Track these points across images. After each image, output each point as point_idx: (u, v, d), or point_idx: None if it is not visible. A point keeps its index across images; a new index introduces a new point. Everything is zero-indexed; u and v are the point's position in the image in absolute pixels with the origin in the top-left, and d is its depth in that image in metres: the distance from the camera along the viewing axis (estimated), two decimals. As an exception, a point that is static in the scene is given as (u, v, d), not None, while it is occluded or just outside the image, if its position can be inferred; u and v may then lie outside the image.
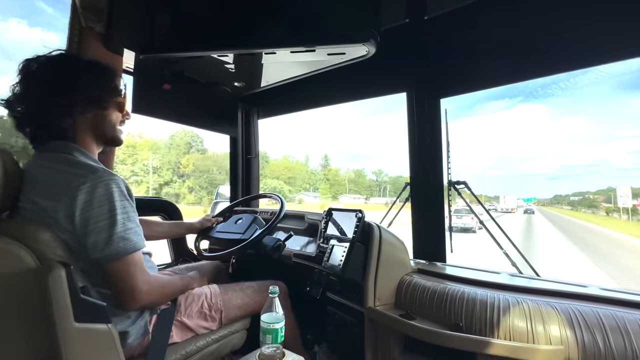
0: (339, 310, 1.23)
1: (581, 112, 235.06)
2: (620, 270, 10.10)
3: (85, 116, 0.87)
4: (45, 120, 0.83)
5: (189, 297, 1.02)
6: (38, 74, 0.83)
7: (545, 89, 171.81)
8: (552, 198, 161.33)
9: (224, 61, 1.37)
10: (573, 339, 0.75)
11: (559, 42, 1.08)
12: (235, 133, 2.10)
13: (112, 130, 0.94)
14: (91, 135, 0.90)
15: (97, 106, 0.89)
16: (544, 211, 59.10)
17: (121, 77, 1.01)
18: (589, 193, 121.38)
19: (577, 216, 46.38)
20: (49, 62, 0.85)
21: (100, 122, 0.91)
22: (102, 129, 0.92)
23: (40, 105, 0.82)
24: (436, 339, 0.89)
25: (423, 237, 1.39)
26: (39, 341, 0.63)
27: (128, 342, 0.85)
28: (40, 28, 76.07)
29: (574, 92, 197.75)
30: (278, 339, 0.86)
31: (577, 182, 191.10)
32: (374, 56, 1.21)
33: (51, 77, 0.83)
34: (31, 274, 0.62)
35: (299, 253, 1.47)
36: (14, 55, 57.88)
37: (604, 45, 1.01)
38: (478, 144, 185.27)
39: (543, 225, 26.31)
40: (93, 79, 0.88)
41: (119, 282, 0.78)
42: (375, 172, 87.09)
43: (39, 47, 0.90)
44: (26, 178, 0.78)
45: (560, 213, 55.81)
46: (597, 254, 12.89)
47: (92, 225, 0.74)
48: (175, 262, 1.71)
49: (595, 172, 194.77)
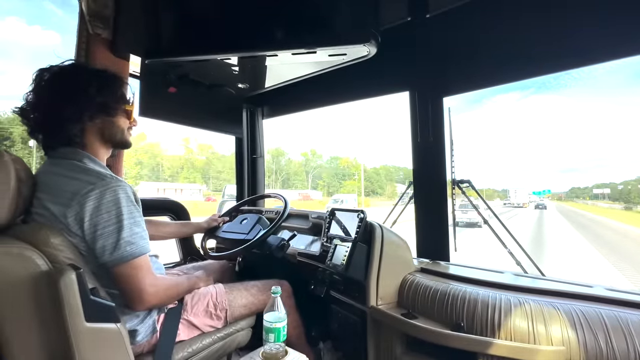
0: (343, 308, 1.25)
1: (596, 102, 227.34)
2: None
3: (94, 123, 0.90)
4: (55, 127, 0.86)
5: (195, 297, 1.05)
6: (49, 83, 0.87)
7: (557, 79, 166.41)
8: (569, 191, 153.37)
9: (227, 64, 1.39)
10: (575, 340, 0.75)
11: (561, 39, 1.06)
12: (240, 133, 2.12)
13: (121, 135, 0.97)
14: (100, 141, 0.93)
15: (105, 113, 0.92)
16: (563, 208, 46.04)
17: (128, 84, 1.04)
18: (613, 184, 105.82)
19: (604, 213, 34.45)
20: (59, 72, 0.88)
21: (109, 128, 0.94)
22: (110, 134, 0.95)
23: (51, 113, 0.86)
24: (437, 339, 0.89)
25: (426, 236, 1.40)
26: (52, 340, 0.67)
27: (137, 340, 0.88)
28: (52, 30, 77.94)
29: (588, 82, 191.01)
30: (280, 337, 0.88)
31: (592, 174, 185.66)
32: (377, 55, 1.21)
33: (61, 86, 0.87)
34: (44, 276, 0.66)
35: (303, 252, 1.49)
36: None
37: (607, 41, 0.99)
38: (488, 138, 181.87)
39: (559, 229, 17.31)
40: (101, 87, 0.90)
41: (127, 284, 0.81)
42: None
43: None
44: (38, 184, 0.81)
45: (582, 209, 42.30)
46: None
47: (101, 230, 0.77)
48: (184, 261, 1.75)
49: (609, 165, 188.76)
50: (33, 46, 55.56)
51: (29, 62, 55.31)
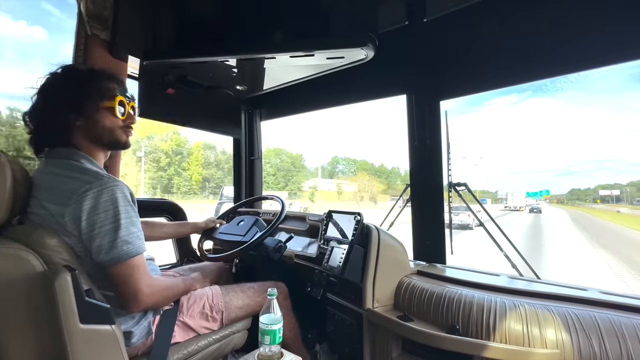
0: (339, 311, 1.25)
1: (592, 105, 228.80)
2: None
3: (76, 124, 0.87)
4: (42, 131, 0.87)
5: (191, 298, 1.04)
6: (40, 88, 0.87)
7: (554, 82, 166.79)
8: (569, 193, 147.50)
9: (226, 65, 1.39)
10: (569, 343, 0.76)
11: (557, 44, 1.07)
12: (238, 135, 2.13)
13: (109, 135, 0.91)
14: (89, 142, 0.90)
15: (79, 114, 0.86)
16: (573, 215, 33.88)
17: (113, 79, 0.94)
18: (619, 186, 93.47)
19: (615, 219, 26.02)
20: (47, 78, 0.88)
21: (92, 129, 0.89)
22: (96, 135, 0.89)
23: (39, 118, 0.87)
24: (433, 342, 0.90)
25: (423, 239, 1.40)
26: (46, 342, 0.66)
27: (132, 341, 0.88)
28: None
29: (584, 85, 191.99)
30: (276, 340, 0.88)
31: (589, 177, 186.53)
32: (375, 58, 1.22)
33: (43, 91, 0.87)
34: (39, 277, 0.66)
35: (300, 254, 1.49)
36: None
37: (604, 47, 1.00)
38: (484, 140, 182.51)
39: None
40: (72, 88, 0.86)
41: (123, 285, 0.80)
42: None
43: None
44: (35, 184, 0.81)
45: (598, 217, 30.89)
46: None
47: (98, 230, 0.77)
48: (180, 262, 1.75)
49: (608, 167, 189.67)
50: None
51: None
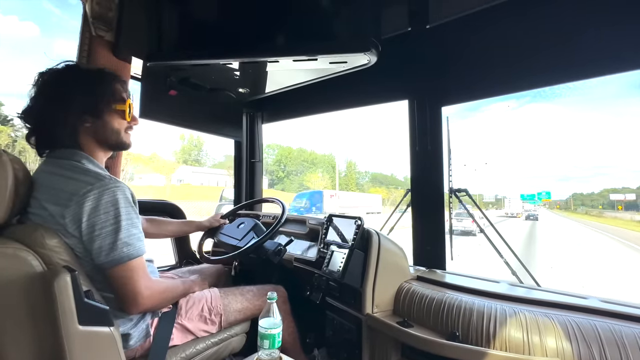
0: (338, 315, 1.24)
1: (591, 111, 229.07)
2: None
3: (83, 125, 0.88)
4: (45, 131, 0.86)
5: (189, 301, 1.04)
6: (41, 86, 0.86)
7: (553, 89, 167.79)
8: (571, 197, 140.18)
9: (228, 68, 1.40)
10: (569, 351, 0.75)
11: (559, 52, 1.08)
12: (239, 137, 2.13)
13: (116, 136, 0.93)
14: (95, 143, 0.91)
15: (92, 115, 0.88)
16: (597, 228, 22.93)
17: (123, 82, 0.98)
18: (627, 190, 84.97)
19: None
20: (52, 75, 0.88)
21: (101, 130, 0.90)
22: (104, 136, 0.91)
23: (40, 117, 0.86)
24: (432, 348, 0.89)
25: (423, 244, 1.40)
26: (45, 342, 0.66)
27: (130, 344, 0.87)
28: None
29: (583, 91, 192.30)
30: (275, 344, 0.87)
31: (587, 183, 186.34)
32: (377, 64, 1.23)
33: (50, 89, 0.86)
34: (38, 278, 0.65)
35: (300, 257, 1.48)
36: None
37: (605, 55, 1.00)
38: (483, 146, 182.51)
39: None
40: (85, 88, 0.87)
41: (122, 286, 0.80)
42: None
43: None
44: (36, 184, 0.81)
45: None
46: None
47: (98, 231, 0.77)
48: (179, 264, 1.74)
49: (607, 173, 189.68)
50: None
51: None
